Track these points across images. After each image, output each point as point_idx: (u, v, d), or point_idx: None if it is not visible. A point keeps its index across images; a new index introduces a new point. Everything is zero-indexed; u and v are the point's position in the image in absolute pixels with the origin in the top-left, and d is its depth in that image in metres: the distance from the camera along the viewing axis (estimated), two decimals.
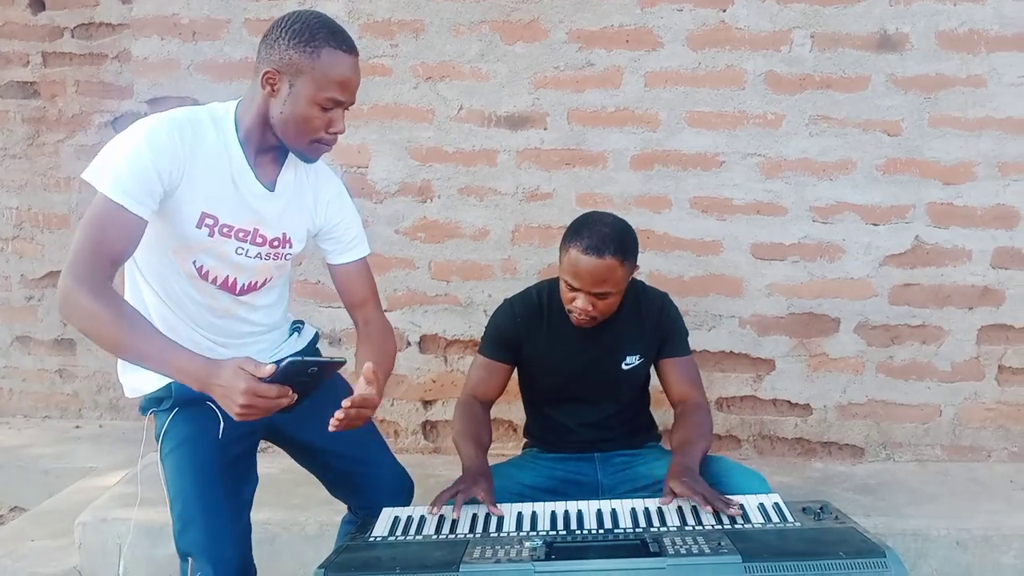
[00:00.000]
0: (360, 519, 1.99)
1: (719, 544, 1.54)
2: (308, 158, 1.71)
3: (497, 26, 2.77)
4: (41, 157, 3.58)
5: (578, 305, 2.01)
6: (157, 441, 1.74)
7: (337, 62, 1.61)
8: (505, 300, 2.27)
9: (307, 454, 1.96)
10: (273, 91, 1.62)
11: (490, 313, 2.31)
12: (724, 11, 2.73)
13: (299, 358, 1.47)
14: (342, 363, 1.54)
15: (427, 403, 2.97)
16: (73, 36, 3.52)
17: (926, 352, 2.85)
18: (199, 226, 1.63)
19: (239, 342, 1.79)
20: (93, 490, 2.87)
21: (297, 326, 1.98)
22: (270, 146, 1.69)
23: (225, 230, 1.66)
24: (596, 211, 2.16)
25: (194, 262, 1.67)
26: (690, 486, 1.83)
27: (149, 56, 2.84)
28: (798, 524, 1.68)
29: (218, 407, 1.53)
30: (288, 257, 1.80)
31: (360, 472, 1.90)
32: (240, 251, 1.70)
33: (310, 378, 1.50)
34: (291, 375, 1.45)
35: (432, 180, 2.85)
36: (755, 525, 1.69)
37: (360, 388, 1.62)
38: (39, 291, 3.65)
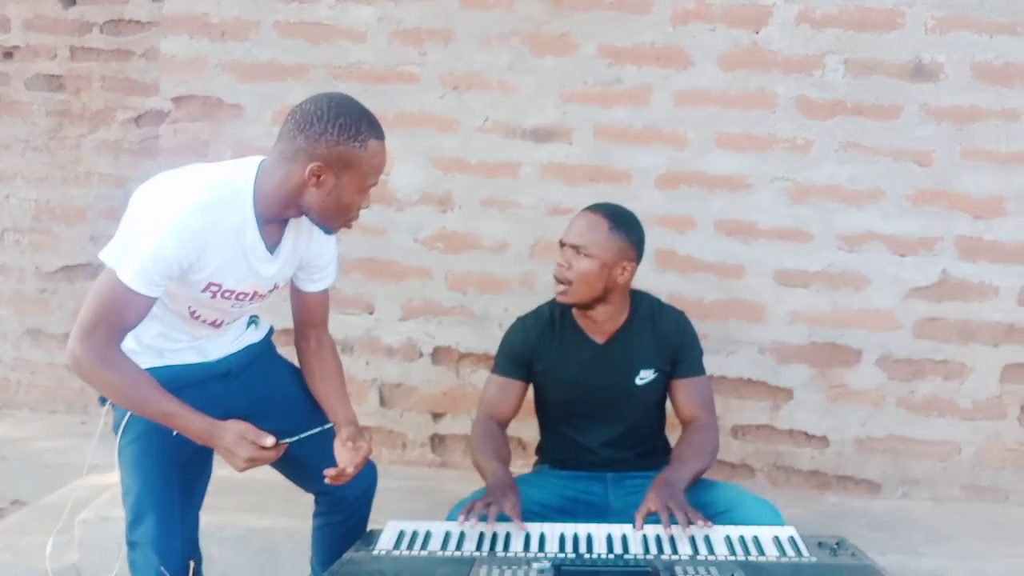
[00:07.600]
0: (325, 509, 2.01)
1: None
2: (331, 232, 1.78)
3: (527, 38, 2.74)
4: (62, 151, 3.57)
5: (558, 263, 2.10)
6: (115, 432, 1.80)
7: (380, 151, 1.68)
8: (517, 318, 2.29)
9: None
10: (319, 182, 1.64)
11: (505, 327, 2.29)
12: (757, 32, 2.69)
13: (300, 436, 1.69)
14: (331, 428, 1.81)
15: (437, 415, 2.93)
16: (102, 32, 3.52)
17: (948, 388, 2.78)
18: (204, 291, 1.70)
19: (210, 334, 1.86)
20: (95, 488, 2.83)
21: (254, 319, 2.02)
22: (284, 217, 1.74)
23: (227, 294, 1.74)
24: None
25: (189, 307, 1.76)
26: (664, 500, 1.80)
27: (177, 54, 2.84)
28: (813, 559, 1.65)
29: None
30: (272, 293, 1.88)
31: (316, 453, 1.82)
32: (235, 306, 1.80)
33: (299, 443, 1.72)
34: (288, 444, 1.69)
35: (453, 191, 2.82)
36: (769, 558, 1.65)
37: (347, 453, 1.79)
38: (52, 284, 3.63)
